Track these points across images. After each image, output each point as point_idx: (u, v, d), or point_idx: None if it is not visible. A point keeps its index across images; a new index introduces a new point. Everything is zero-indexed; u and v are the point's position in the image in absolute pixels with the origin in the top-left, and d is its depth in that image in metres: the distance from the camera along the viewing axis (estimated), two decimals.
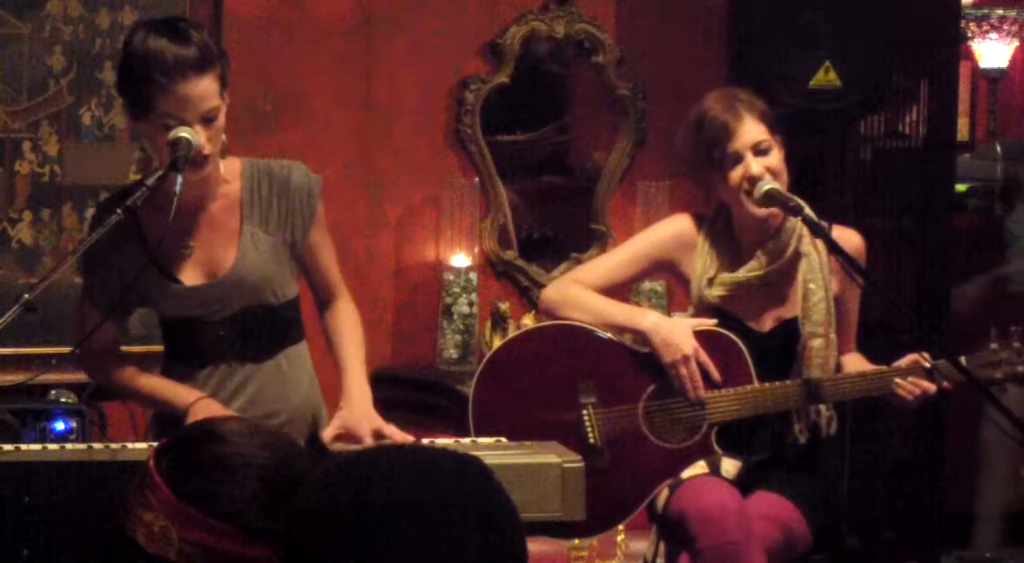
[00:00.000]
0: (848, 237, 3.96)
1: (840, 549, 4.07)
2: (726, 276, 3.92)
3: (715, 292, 3.92)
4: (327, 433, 3.46)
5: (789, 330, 3.91)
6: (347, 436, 3.46)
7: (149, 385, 3.54)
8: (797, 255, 3.91)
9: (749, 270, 3.92)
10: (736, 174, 3.84)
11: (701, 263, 3.94)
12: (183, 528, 2.10)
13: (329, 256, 3.65)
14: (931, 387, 3.83)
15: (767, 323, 3.95)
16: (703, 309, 3.95)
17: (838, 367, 3.97)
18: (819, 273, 3.90)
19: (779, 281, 3.93)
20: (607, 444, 3.88)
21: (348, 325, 3.65)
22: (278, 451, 2.16)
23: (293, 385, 3.59)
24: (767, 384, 3.87)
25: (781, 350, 3.90)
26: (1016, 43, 7.29)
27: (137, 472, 2.17)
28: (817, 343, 3.89)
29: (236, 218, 3.53)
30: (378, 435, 3.44)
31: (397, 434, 3.45)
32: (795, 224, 3.91)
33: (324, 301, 3.67)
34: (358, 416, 3.48)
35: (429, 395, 5.02)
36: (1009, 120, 7.34)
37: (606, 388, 3.91)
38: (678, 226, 4.04)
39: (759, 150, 3.86)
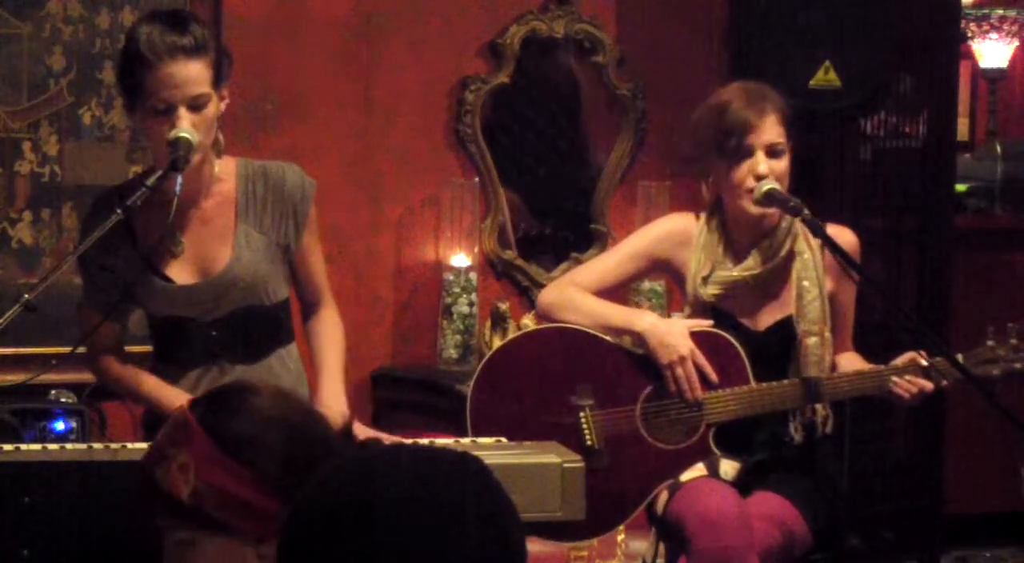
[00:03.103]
0: (843, 235, 3.95)
1: (840, 549, 4.07)
2: (721, 274, 3.92)
3: (710, 290, 3.92)
4: None
5: (784, 329, 3.91)
6: None
7: (142, 384, 3.53)
8: (791, 254, 3.91)
9: (744, 269, 3.92)
10: (743, 168, 3.83)
11: (696, 261, 3.94)
12: (205, 467, 2.15)
13: (319, 262, 3.64)
14: (928, 385, 3.83)
15: (762, 322, 3.95)
16: (699, 307, 3.95)
17: (834, 366, 3.97)
18: (813, 272, 3.90)
19: (774, 280, 3.93)
20: (605, 446, 3.88)
21: (331, 331, 3.64)
22: (310, 417, 2.23)
23: (285, 387, 3.57)
24: (764, 384, 3.87)
25: (777, 349, 3.90)
26: (1016, 43, 7.30)
27: (170, 419, 2.22)
28: (812, 342, 3.89)
29: (230, 217, 3.52)
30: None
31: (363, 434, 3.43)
32: (790, 224, 3.91)
33: (309, 307, 3.67)
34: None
35: (429, 395, 5.02)
36: (1009, 120, 7.34)
37: (603, 390, 3.90)
38: (672, 224, 4.04)
39: (773, 151, 3.85)
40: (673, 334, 3.87)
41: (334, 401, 3.51)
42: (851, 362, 4.00)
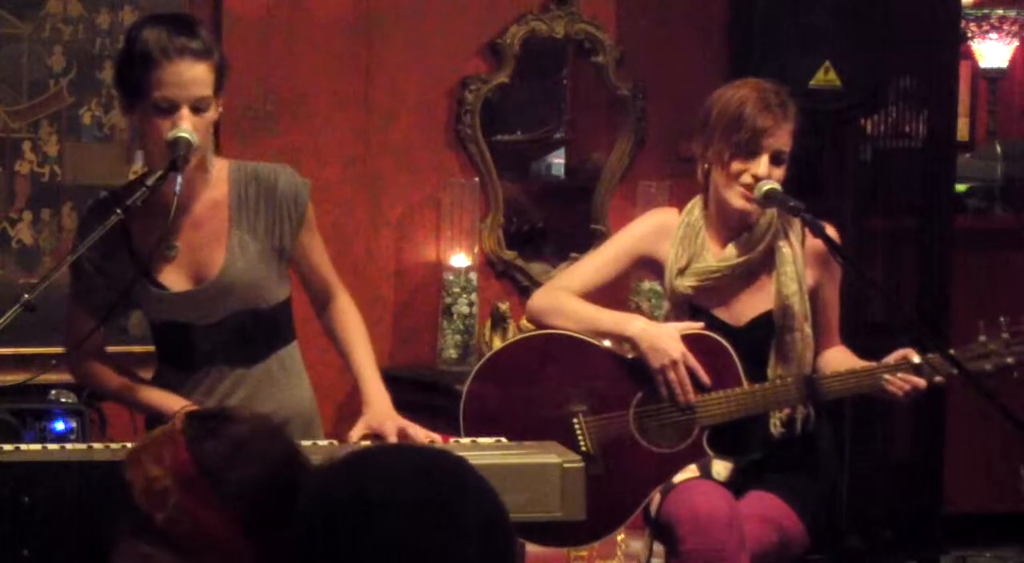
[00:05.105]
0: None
1: (840, 549, 4.07)
2: (697, 266, 3.90)
3: (686, 282, 3.91)
4: (354, 434, 3.45)
5: (764, 325, 3.91)
6: (374, 437, 3.44)
7: (136, 391, 3.53)
8: (771, 250, 3.91)
9: (721, 260, 3.91)
10: (745, 164, 3.83)
11: (673, 254, 3.93)
12: (187, 497, 2.10)
13: (322, 256, 3.62)
14: (921, 382, 3.82)
15: (742, 318, 3.94)
16: (676, 302, 3.95)
17: (819, 362, 3.97)
18: (792, 268, 3.89)
19: (753, 276, 3.93)
20: (600, 451, 3.87)
21: (354, 325, 3.63)
22: (289, 457, 2.18)
23: (284, 388, 3.57)
24: (756, 385, 3.86)
25: (756, 345, 3.89)
26: (1016, 43, 7.31)
27: (160, 426, 2.19)
28: (791, 338, 3.88)
29: (223, 222, 3.50)
30: (403, 434, 3.42)
31: (421, 433, 3.43)
32: (770, 220, 3.90)
33: (322, 301, 3.65)
34: (381, 417, 3.46)
35: (429, 395, 5.02)
36: (1009, 120, 7.35)
37: (596, 395, 3.90)
38: (653, 220, 4.04)
39: (777, 159, 3.85)
40: (664, 338, 3.86)
41: (380, 402, 3.50)
42: (840, 357, 3.99)
